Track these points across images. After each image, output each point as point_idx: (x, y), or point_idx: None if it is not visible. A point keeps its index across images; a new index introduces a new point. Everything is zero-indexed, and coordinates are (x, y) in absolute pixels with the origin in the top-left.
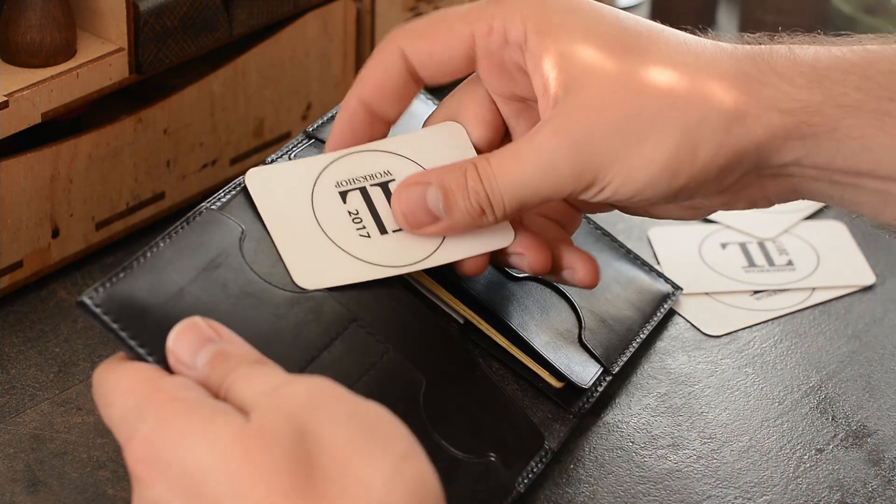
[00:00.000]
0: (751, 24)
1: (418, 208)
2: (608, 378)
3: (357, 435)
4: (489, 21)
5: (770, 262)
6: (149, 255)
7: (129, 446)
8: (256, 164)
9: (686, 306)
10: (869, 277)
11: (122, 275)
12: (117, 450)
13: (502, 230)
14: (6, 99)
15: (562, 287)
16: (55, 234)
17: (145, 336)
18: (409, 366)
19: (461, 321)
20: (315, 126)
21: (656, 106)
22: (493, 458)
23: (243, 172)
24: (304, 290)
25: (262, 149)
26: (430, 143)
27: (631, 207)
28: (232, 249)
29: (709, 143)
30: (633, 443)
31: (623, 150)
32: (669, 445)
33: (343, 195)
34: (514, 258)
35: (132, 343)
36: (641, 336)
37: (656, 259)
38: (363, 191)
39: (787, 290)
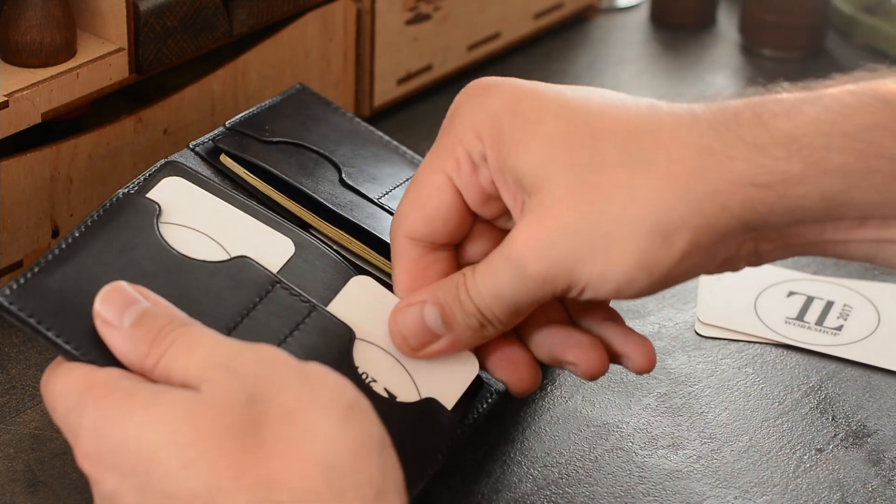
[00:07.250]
0: (751, 24)
1: (419, 329)
2: None
3: (304, 392)
4: (451, 154)
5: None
6: (63, 245)
7: (76, 445)
8: None
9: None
10: None
11: (35, 269)
12: None
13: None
14: (6, 99)
15: None
16: (55, 234)
17: (64, 327)
18: (336, 321)
19: (379, 275)
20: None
21: (617, 202)
22: (431, 401)
23: None
24: (222, 260)
25: None
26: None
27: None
28: (148, 227)
29: (682, 229)
30: (632, 443)
31: (590, 252)
32: (669, 445)
33: None
34: (569, 367)
35: (51, 336)
36: None
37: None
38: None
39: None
